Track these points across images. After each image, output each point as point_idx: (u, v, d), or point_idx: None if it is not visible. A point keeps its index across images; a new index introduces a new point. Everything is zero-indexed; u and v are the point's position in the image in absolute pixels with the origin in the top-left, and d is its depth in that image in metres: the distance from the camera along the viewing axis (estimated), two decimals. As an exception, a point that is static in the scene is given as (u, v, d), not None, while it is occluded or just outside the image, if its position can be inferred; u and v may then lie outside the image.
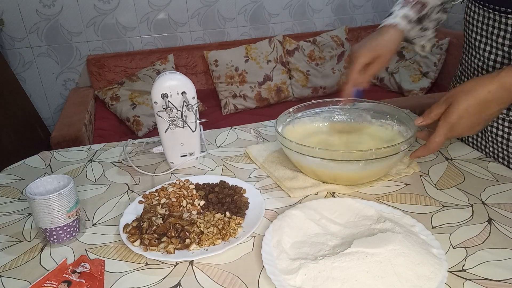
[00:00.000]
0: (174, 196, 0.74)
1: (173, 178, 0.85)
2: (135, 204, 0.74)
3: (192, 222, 0.68)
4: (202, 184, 0.79)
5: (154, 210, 0.71)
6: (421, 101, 2.25)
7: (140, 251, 0.63)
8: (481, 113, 0.67)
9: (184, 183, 0.78)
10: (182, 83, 0.81)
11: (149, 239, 0.64)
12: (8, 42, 2.38)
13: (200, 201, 0.73)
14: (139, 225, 0.67)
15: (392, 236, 0.58)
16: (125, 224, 0.68)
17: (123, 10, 2.48)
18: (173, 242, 0.64)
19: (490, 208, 0.70)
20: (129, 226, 0.67)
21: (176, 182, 0.79)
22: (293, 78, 2.63)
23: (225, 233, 0.65)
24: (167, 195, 0.75)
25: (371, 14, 2.93)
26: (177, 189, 0.76)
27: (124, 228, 0.67)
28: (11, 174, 0.89)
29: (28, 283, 0.59)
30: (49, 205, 0.63)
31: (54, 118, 2.60)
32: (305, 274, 0.54)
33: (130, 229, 0.66)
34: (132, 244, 0.64)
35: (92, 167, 0.90)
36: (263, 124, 1.07)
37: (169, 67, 2.51)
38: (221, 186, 0.77)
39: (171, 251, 0.62)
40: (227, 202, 0.73)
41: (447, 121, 0.68)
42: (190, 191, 0.76)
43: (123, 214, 0.70)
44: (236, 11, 2.67)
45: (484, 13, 0.81)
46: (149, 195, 0.76)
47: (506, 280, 0.56)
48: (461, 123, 0.68)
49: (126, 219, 0.69)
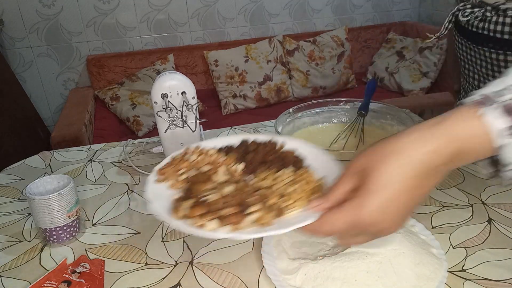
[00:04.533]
0: (204, 164, 0.59)
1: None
2: (154, 186, 0.56)
3: (256, 187, 0.52)
4: (224, 147, 0.64)
5: (207, 179, 0.55)
6: (421, 101, 2.25)
7: (225, 234, 0.46)
8: (416, 190, 0.41)
9: (201, 149, 0.63)
10: (182, 83, 0.81)
11: (234, 213, 0.47)
12: (8, 42, 2.38)
13: (238, 165, 0.58)
14: (199, 201, 0.49)
15: (392, 236, 0.58)
16: (173, 208, 0.50)
17: (123, 10, 2.48)
18: (266, 210, 0.48)
19: (490, 208, 0.70)
20: (182, 207, 0.49)
21: (190, 150, 0.62)
22: (293, 78, 2.63)
23: (313, 188, 0.51)
24: (194, 165, 0.59)
25: (371, 14, 2.93)
26: (200, 156, 0.61)
27: (177, 212, 0.49)
28: (11, 174, 0.89)
29: (28, 283, 0.59)
30: (49, 205, 0.63)
31: (54, 118, 2.60)
32: (305, 274, 0.54)
33: (191, 209, 0.48)
34: (203, 227, 0.47)
35: (92, 167, 0.90)
36: (263, 124, 1.07)
37: (169, 67, 2.51)
38: (252, 145, 0.63)
39: (268, 221, 0.47)
40: (272, 161, 0.58)
41: (358, 207, 0.41)
42: (216, 156, 0.60)
43: (149, 202, 0.52)
44: (236, 11, 2.67)
45: (466, 44, 0.80)
46: (166, 169, 0.59)
47: (506, 280, 0.56)
48: (387, 209, 0.41)
49: (163, 205, 0.51)
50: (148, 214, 0.74)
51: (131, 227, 0.70)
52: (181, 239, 0.67)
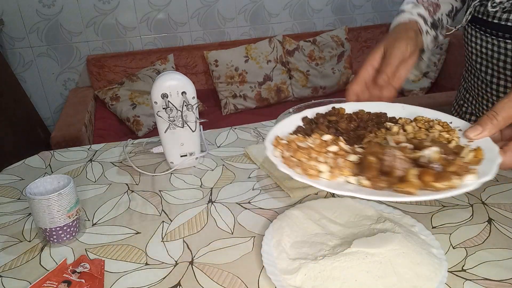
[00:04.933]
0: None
1: (173, 178, 0.85)
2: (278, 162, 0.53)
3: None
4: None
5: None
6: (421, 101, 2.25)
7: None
8: None
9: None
10: (182, 83, 0.81)
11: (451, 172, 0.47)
12: (8, 42, 2.38)
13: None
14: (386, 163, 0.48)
15: (392, 236, 0.58)
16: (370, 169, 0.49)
17: (123, 10, 2.48)
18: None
19: (490, 208, 0.70)
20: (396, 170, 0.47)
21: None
22: (293, 78, 2.62)
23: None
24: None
25: (371, 14, 2.93)
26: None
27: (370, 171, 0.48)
28: (11, 174, 0.89)
29: (28, 283, 0.59)
30: (49, 205, 0.63)
31: (54, 118, 2.60)
32: (305, 274, 0.54)
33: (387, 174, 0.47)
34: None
35: (92, 167, 0.90)
36: (263, 124, 1.07)
37: (169, 67, 2.51)
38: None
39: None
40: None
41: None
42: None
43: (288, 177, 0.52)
44: (236, 11, 2.67)
45: (482, 37, 0.79)
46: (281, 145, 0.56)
47: (506, 280, 0.56)
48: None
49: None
50: (148, 214, 0.74)
51: (131, 227, 0.70)
52: (181, 239, 0.67)
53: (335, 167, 0.52)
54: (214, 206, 0.75)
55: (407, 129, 0.59)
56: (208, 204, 0.76)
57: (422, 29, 0.73)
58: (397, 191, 0.47)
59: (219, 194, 0.79)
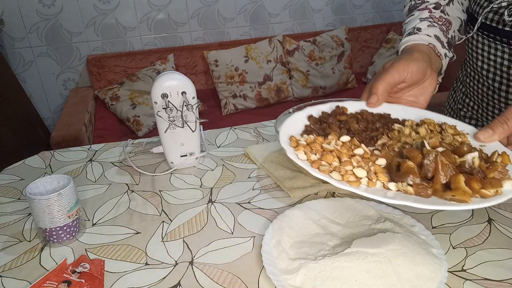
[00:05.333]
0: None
1: (173, 178, 0.85)
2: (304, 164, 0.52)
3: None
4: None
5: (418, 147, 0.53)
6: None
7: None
8: None
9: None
10: (182, 83, 0.81)
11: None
12: (8, 42, 2.38)
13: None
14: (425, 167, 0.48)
15: (392, 236, 0.58)
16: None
17: (123, 10, 2.48)
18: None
19: (490, 208, 0.70)
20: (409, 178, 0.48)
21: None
22: (293, 78, 2.62)
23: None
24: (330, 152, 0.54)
25: (371, 14, 2.93)
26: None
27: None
28: (11, 174, 0.89)
29: (28, 283, 0.59)
30: (49, 205, 0.63)
31: (54, 118, 2.60)
32: (305, 274, 0.54)
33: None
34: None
35: (92, 167, 0.90)
36: (263, 124, 1.07)
37: (169, 67, 2.51)
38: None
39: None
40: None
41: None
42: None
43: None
44: (236, 11, 2.67)
45: (491, 44, 0.78)
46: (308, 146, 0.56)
47: (506, 280, 0.56)
48: None
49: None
50: (148, 214, 0.74)
51: (131, 227, 0.70)
52: (181, 239, 0.67)
53: (369, 171, 0.51)
54: (214, 206, 0.75)
55: (420, 132, 0.58)
56: (208, 204, 0.76)
57: (440, 53, 0.71)
58: (450, 199, 0.46)
59: (219, 194, 0.79)
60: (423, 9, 0.77)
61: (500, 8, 0.73)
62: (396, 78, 0.63)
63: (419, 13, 0.76)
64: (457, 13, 0.78)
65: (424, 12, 0.76)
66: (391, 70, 0.63)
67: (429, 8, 0.76)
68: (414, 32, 0.73)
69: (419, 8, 0.77)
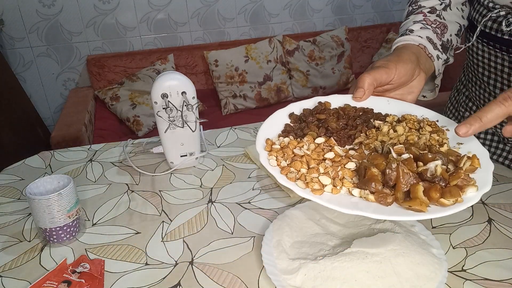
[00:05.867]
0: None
1: (173, 178, 0.85)
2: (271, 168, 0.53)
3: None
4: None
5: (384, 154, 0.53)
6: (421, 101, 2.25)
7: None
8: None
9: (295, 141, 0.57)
10: (182, 83, 0.81)
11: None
12: (8, 42, 2.38)
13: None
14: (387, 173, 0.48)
15: (392, 236, 0.58)
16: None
17: (123, 10, 2.48)
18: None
19: (490, 208, 0.70)
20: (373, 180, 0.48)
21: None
22: (293, 78, 2.62)
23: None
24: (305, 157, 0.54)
25: (371, 14, 2.93)
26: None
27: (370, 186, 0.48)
28: (11, 174, 0.89)
29: (28, 283, 0.59)
30: (49, 205, 0.63)
31: (54, 118, 2.60)
32: (305, 274, 0.54)
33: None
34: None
35: (92, 167, 0.90)
36: (263, 124, 1.07)
37: (169, 67, 2.51)
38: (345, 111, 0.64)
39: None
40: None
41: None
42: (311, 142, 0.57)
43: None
44: (236, 11, 2.66)
45: (490, 51, 0.78)
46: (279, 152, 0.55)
47: (506, 280, 0.56)
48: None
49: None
50: (148, 214, 0.74)
51: (131, 227, 0.70)
52: (181, 239, 0.67)
53: (335, 177, 0.51)
54: (214, 206, 0.75)
55: (397, 130, 0.59)
56: (208, 204, 0.76)
57: (431, 54, 0.72)
58: (407, 209, 0.47)
59: (219, 194, 0.79)
60: (418, 13, 0.78)
61: (498, 17, 0.74)
62: (383, 77, 0.64)
63: (413, 17, 0.78)
64: (455, 18, 0.79)
65: (419, 16, 0.77)
66: (380, 69, 0.65)
67: (424, 12, 0.77)
68: (406, 33, 0.74)
69: (415, 13, 0.79)
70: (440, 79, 0.77)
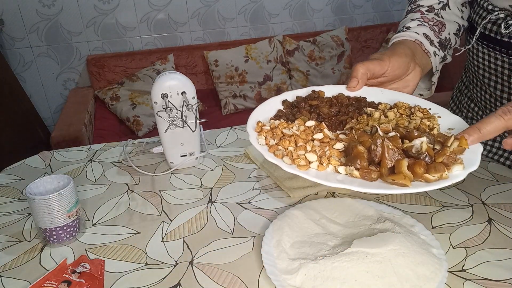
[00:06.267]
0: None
1: (173, 178, 0.85)
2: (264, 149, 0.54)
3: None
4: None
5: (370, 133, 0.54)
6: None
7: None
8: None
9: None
10: (182, 83, 0.81)
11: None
12: (8, 42, 2.38)
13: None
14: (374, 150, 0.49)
15: (392, 236, 0.58)
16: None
17: (123, 10, 2.48)
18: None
19: (490, 208, 0.70)
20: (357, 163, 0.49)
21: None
22: (293, 78, 2.62)
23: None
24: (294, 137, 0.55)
25: (371, 14, 2.93)
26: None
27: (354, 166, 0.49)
28: (11, 174, 0.89)
29: (28, 283, 0.59)
30: (49, 205, 0.63)
31: (54, 118, 2.60)
32: (305, 274, 0.54)
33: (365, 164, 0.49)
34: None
35: (92, 167, 0.90)
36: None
37: (169, 67, 2.51)
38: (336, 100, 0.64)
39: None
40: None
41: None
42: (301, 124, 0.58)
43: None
44: (236, 11, 2.67)
45: (490, 53, 0.78)
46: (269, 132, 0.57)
47: (506, 280, 0.56)
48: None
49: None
50: (148, 214, 0.74)
51: (131, 227, 0.70)
52: (181, 239, 0.67)
53: (322, 155, 0.52)
54: (214, 206, 0.75)
55: (388, 116, 0.59)
56: (208, 204, 0.76)
57: (428, 50, 0.73)
58: (390, 183, 0.47)
59: (219, 194, 0.79)
60: (416, 11, 0.79)
61: (497, 19, 0.75)
62: (377, 68, 0.65)
63: (411, 15, 0.79)
64: (454, 17, 0.79)
65: (416, 14, 0.78)
66: (374, 61, 0.66)
67: (422, 11, 0.78)
68: (403, 30, 0.75)
69: (413, 11, 0.80)
70: (437, 76, 0.77)
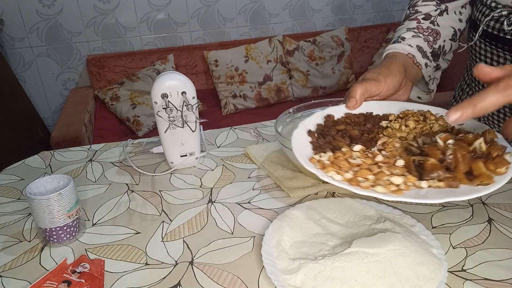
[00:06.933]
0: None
1: (173, 178, 0.85)
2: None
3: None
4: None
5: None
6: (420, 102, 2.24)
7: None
8: None
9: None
10: (182, 83, 0.81)
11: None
12: (8, 42, 2.38)
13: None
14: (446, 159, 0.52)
15: (392, 236, 0.58)
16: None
17: (123, 10, 2.48)
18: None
19: (490, 208, 0.70)
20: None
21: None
22: (293, 78, 2.63)
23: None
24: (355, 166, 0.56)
25: (371, 14, 2.93)
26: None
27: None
28: (11, 174, 0.89)
29: (28, 283, 0.59)
30: (49, 205, 0.63)
31: (54, 118, 2.60)
32: (305, 274, 0.54)
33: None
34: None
35: (92, 167, 0.90)
36: (263, 124, 1.07)
37: (169, 67, 2.51)
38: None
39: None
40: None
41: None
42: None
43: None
44: (236, 11, 2.67)
45: (493, 51, 0.78)
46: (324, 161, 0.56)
47: (506, 280, 0.56)
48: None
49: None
50: (148, 214, 0.74)
51: (131, 227, 0.70)
52: (181, 239, 0.67)
53: (399, 175, 0.54)
54: (214, 206, 0.75)
55: (409, 125, 0.63)
56: (208, 204, 0.76)
57: (420, 62, 0.75)
58: (479, 185, 0.51)
59: (219, 194, 0.79)
60: (413, 19, 0.80)
61: (500, 17, 0.75)
62: (373, 89, 0.68)
63: (408, 23, 0.80)
64: (450, 23, 0.80)
65: (413, 22, 0.79)
66: (371, 81, 0.68)
67: (418, 19, 0.79)
68: (398, 41, 0.77)
69: (410, 18, 0.81)
70: (435, 84, 0.80)
